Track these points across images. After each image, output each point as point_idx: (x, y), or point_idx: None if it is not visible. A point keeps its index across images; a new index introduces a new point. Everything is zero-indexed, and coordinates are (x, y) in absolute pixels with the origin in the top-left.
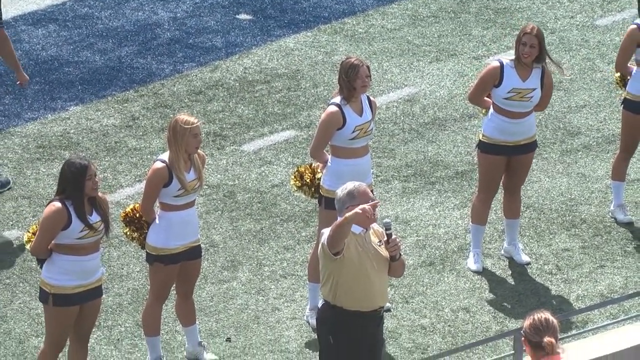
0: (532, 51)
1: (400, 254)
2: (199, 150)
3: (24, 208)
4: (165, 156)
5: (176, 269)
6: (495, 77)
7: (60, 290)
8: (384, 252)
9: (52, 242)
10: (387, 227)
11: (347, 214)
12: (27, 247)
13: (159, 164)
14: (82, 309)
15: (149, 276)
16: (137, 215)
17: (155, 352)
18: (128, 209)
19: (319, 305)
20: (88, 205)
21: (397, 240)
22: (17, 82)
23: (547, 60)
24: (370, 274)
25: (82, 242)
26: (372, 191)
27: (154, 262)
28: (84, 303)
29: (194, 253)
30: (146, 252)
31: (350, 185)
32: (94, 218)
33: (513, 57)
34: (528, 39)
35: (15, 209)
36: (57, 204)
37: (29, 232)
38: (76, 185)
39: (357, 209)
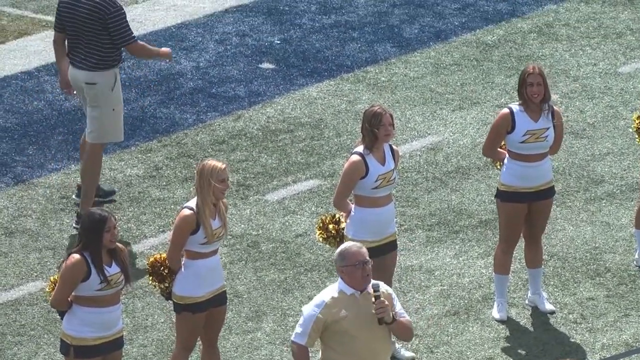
0: (540, 89)
1: (394, 318)
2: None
3: (47, 259)
4: (193, 203)
5: (203, 317)
6: (508, 124)
7: (81, 342)
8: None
9: (72, 293)
10: (375, 289)
11: None
12: (48, 297)
13: (186, 211)
14: None
15: (176, 326)
16: (161, 266)
17: None
18: (151, 259)
19: None
20: (107, 256)
21: (384, 302)
22: (167, 61)
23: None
24: (361, 338)
25: (102, 294)
26: (395, 240)
27: (182, 312)
28: (105, 355)
29: (220, 299)
30: (173, 301)
31: (342, 246)
32: (113, 269)
33: (518, 103)
34: (534, 79)
35: (40, 260)
36: (77, 256)
37: (50, 281)
38: (95, 237)
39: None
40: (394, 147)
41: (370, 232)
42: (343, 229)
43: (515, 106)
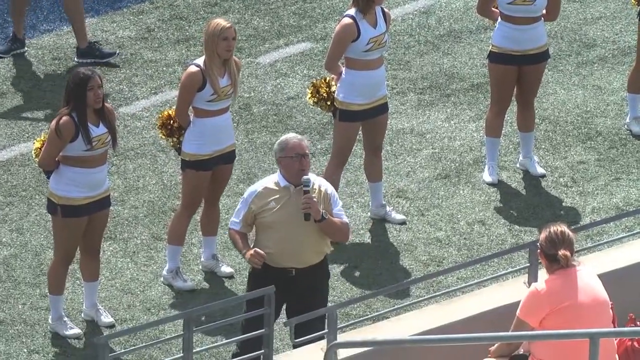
0: None
1: (323, 217)
2: (235, 58)
3: (39, 120)
4: (200, 60)
5: (208, 176)
6: None
7: (68, 202)
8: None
9: (60, 154)
10: (305, 184)
11: (242, 251)
12: (35, 158)
13: (193, 68)
14: (91, 220)
15: (182, 183)
16: (171, 121)
17: (174, 262)
18: (164, 114)
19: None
20: (95, 116)
21: (311, 198)
22: None
23: None
24: (282, 231)
25: (89, 154)
26: (386, 103)
27: (186, 169)
28: (92, 214)
29: (229, 157)
30: (181, 159)
31: (283, 137)
32: (100, 130)
33: None
34: None
35: (32, 121)
36: (65, 117)
37: (36, 142)
38: (78, 96)
39: (248, 255)
40: (385, 10)
41: (360, 94)
42: (334, 92)
43: None
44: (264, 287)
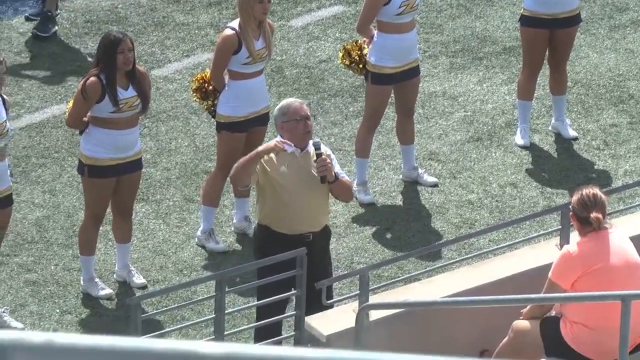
0: None
1: (336, 177)
2: (269, 20)
3: (72, 82)
4: (235, 23)
5: (243, 138)
6: None
7: (94, 162)
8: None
9: (89, 114)
10: (317, 147)
11: (259, 148)
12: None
13: (228, 31)
14: (120, 182)
15: (217, 145)
16: (205, 84)
17: (208, 223)
18: (197, 77)
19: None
20: (125, 79)
21: (326, 160)
22: None
23: None
24: (296, 196)
25: (116, 116)
26: (417, 66)
27: (221, 130)
28: (120, 176)
29: (264, 119)
30: (216, 121)
31: (283, 102)
32: (129, 93)
33: None
34: None
35: (63, 83)
36: (93, 78)
37: (69, 104)
38: (108, 58)
39: (270, 143)
40: None
41: (392, 57)
42: (366, 55)
43: None
44: (274, 254)
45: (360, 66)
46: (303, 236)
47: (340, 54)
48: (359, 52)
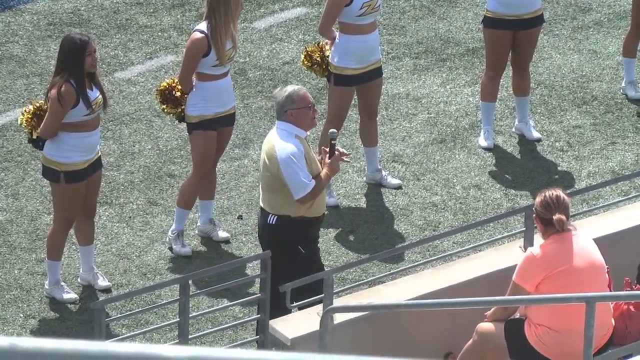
0: None
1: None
2: None
3: (35, 85)
4: (203, 26)
5: (215, 135)
6: None
7: (71, 167)
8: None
9: None
10: (332, 137)
11: (328, 173)
12: (26, 129)
13: (197, 34)
14: (87, 183)
15: (191, 146)
16: (173, 91)
17: (179, 225)
18: (162, 86)
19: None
20: (87, 81)
21: (342, 151)
22: None
23: None
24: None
25: (87, 119)
26: (380, 67)
27: (193, 131)
28: (89, 176)
29: (230, 119)
30: (186, 123)
31: (289, 88)
32: (95, 93)
33: None
34: None
35: (27, 86)
36: (66, 84)
37: (23, 114)
38: (76, 62)
39: (334, 165)
40: None
41: (354, 59)
42: (328, 56)
43: None
44: (308, 237)
45: (323, 68)
46: (323, 217)
47: (302, 56)
48: (321, 54)
